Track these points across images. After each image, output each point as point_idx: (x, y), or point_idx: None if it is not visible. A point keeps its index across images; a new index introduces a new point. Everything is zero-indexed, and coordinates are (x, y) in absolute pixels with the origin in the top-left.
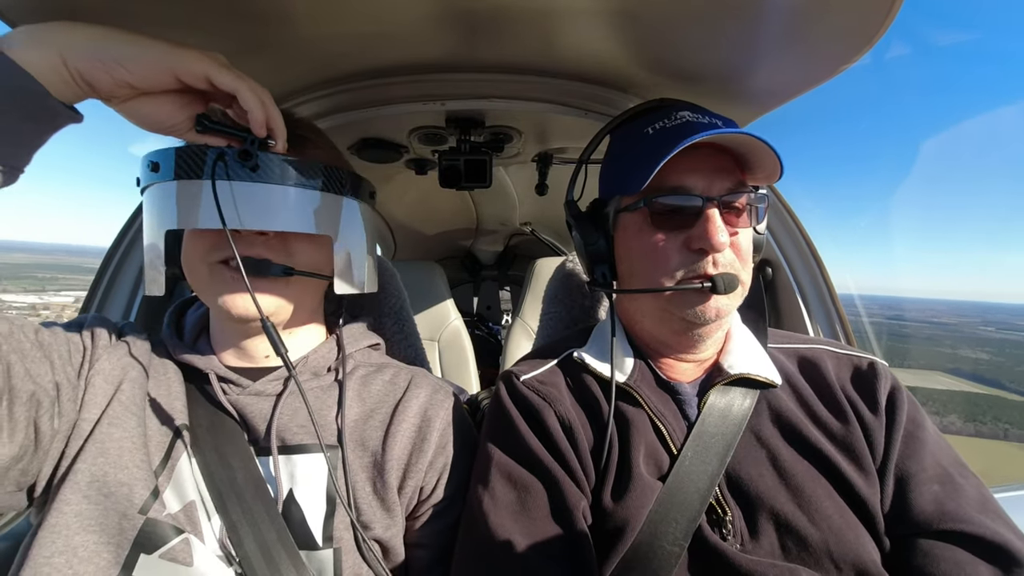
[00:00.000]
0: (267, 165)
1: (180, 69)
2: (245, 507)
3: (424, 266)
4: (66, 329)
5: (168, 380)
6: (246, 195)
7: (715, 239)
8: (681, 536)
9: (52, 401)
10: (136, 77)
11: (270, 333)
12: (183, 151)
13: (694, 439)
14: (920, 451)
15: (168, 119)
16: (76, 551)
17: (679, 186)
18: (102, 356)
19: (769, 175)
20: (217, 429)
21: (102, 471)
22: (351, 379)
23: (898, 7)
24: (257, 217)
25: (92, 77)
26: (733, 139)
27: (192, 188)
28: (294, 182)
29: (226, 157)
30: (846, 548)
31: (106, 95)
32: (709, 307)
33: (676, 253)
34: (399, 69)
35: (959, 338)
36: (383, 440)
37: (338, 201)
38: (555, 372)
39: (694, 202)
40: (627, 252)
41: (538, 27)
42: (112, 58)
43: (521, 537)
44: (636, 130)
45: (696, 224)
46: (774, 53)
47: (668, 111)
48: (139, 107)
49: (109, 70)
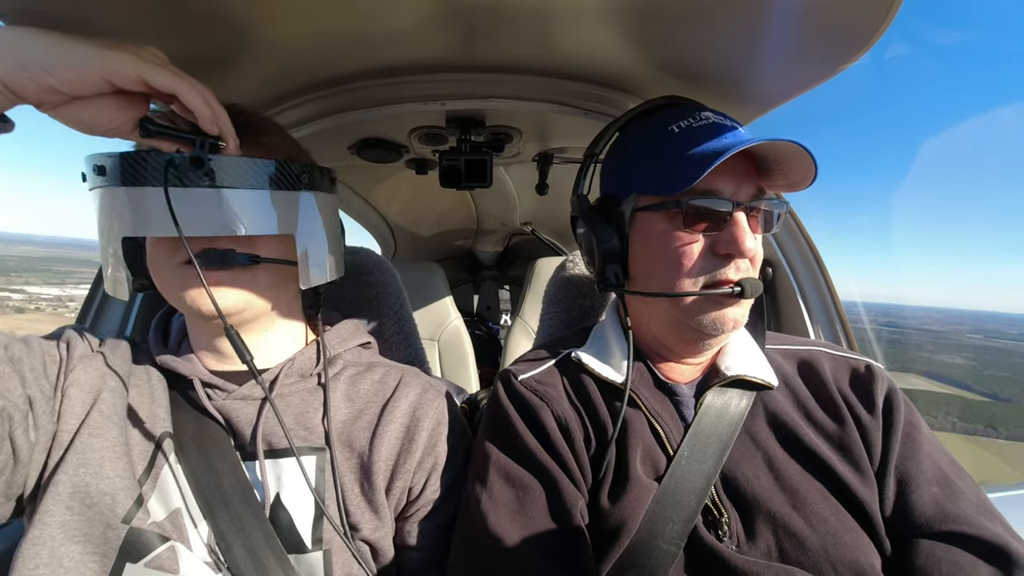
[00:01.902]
0: (220, 168)
1: (110, 72)
2: (232, 513)
3: (424, 266)
4: (42, 342)
5: (151, 387)
6: (201, 201)
7: (744, 245)
8: (677, 536)
9: (24, 415)
10: (63, 83)
11: (231, 335)
12: (129, 157)
13: (690, 439)
14: (918, 453)
15: (107, 123)
16: (61, 562)
17: (711, 189)
18: (77, 367)
19: (792, 184)
20: (202, 435)
21: (83, 481)
22: (340, 379)
23: (898, 7)
24: (214, 223)
25: (16, 85)
26: (772, 146)
27: (143, 195)
28: (250, 184)
29: (176, 163)
30: (843, 550)
31: (35, 102)
32: (728, 318)
33: (701, 258)
34: (399, 69)
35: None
36: (370, 441)
37: (295, 196)
38: (553, 372)
39: (725, 206)
40: (645, 253)
41: (538, 27)
42: (36, 64)
43: (519, 536)
44: (657, 127)
45: (724, 229)
46: (774, 53)
47: (689, 109)
48: (74, 113)
49: (34, 77)
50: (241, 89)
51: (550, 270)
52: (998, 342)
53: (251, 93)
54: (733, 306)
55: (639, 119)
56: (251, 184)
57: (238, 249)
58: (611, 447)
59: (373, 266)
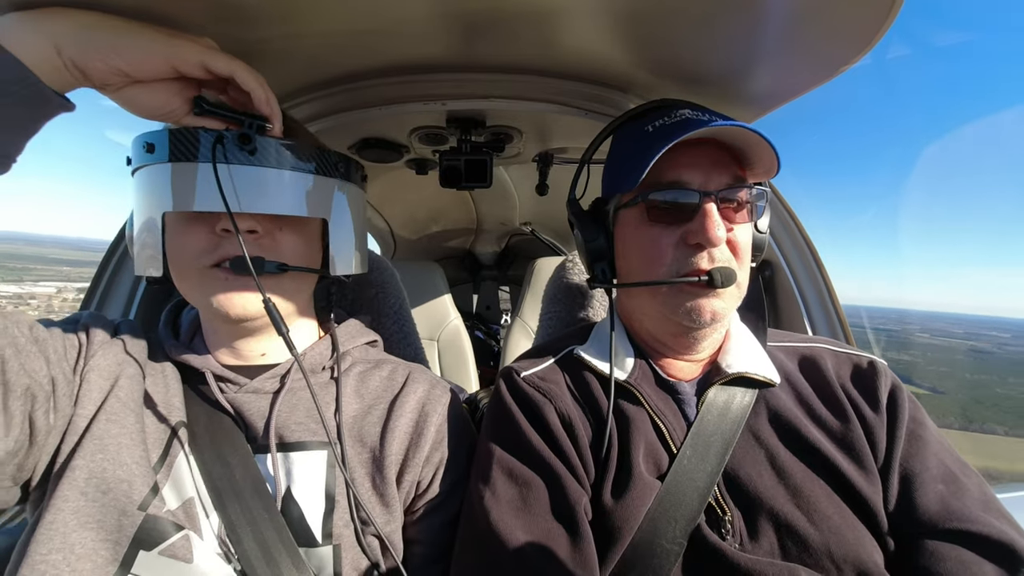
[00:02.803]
0: (264, 148)
1: (176, 58)
2: (244, 505)
3: (424, 266)
4: (62, 326)
5: (165, 378)
6: (245, 178)
7: (711, 233)
8: (680, 534)
9: (47, 396)
10: (131, 66)
11: (278, 325)
12: (178, 133)
13: (693, 437)
14: (923, 450)
15: (164, 106)
16: (73, 548)
17: (676, 181)
18: (97, 352)
19: (767, 170)
20: (215, 427)
21: (100, 467)
22: (349, 376)
23: (898, 7)
24: (255, 200)
25: (86, 65)
26: (730, 133)
27: (188, 170)
28: (290, 165)
29: (225, 140)
30: (846, 548)
31: (100, 83)
32: (704, 309)
33: (672, 248)
34: (399, 69)
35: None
36: (381, 435)
37: (331, 184)
38: (555, 369)
39: (691, 197)
40: (625, 248)
41: (539, 27)
42: (107, 46)
43: (522, 533)
44: (637, 129)
45: (693, 219)
46: (775, 54)
47: (669, 110)
48: (134, 95)
49: (104, 58)
50: None
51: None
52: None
53: None
54: (709, 296)
55: (629, 122)
56: (291, 166)
57: (267, 256)
58: (612, 442)
59: (373, 266)
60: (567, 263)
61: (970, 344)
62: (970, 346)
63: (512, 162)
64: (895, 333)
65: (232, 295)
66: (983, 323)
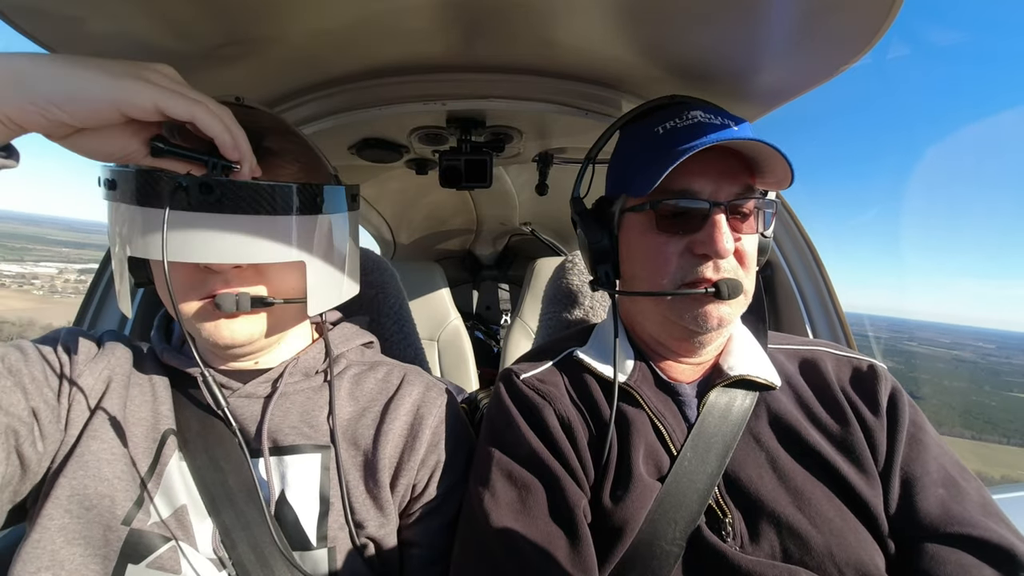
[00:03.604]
0: (232, 194)
1: (125, 103)
2: (238, 510)
3: (424, 266)
4: (40, 349)
5: (153, 386)
6: (211, 226)
7: (720, 245)
8: (680, 536)
9: (30, 428)
10: (75, 118)
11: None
12: (139, 176)
13: (693, 439)
14: (923, 454)
15: (119, 150)
16: (63, 565)
17: (686, 189)
18: (83, 372)
19: (779, 181)
20: (207, 433)
21: (81, 485)
22: (344, 378)
23: (898, 7)
24: (225, 251)
25: (23, 121)
26: (743, 144)
27: (154, 217)
28: (264, 210)
29: (186, 187)
30: (848, 551)
31: (44, 133)
32: (711, 315)
33: (678, 257)
34: (399, 69)
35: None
36: (375, 438)
37: (311, 221)
38: (554, 371)
39: (700, 206)
40: (630, 253)
41: (539, 26)
42: (44, 99)
43: (521, 536)
44: (646, 129)
45: (702, 229)
46: (775, 53)
47: (679, 109)
48: (84, 143)
49: (42, 112)
50: (242, 89)
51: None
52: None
53: (252, 92)
54: (716, 303)
55: (637, 120)
56: (264, 210)
57: (253, 291)
58: (613, 446)
59: (373, 266)
60: (567, 263)
61: (954, 353)
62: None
63: (512, 162)
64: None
65: (220, 327)
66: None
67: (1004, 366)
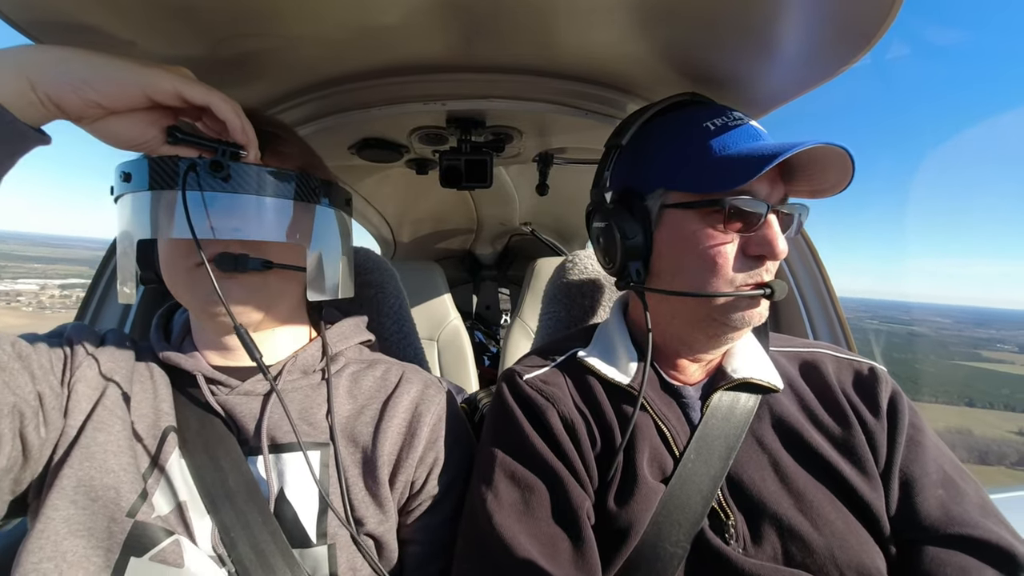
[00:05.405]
0: (239, 175)
1: (151, 87)
2: (237, 509)
3: (424, 266)
4: (46, 340)
5: (154, 383)
6: (218, 205)
7: (778, 247)
8: (683, 538)
9: (35, 412)
10: (106, 98)
11: (240, 334)
12: (155, 161)
13: (697, 441)
14: (923, 456)
15: (139, 136)
16: (65, 556)
17: (749, 190)
18: (83, 364)
19: (815, 191)
20: (206, 431)
21: (88, 475)
22: (342, 376)
23: (898, 7)
24: (229, 227)
25: (61, 99)
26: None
27: (165, 198)
28: (267, 192)
29: (197, 168)
30: (850, 553)
31: (76, 116)
32: (755, 315)
33: (736, 259)
34: (399, 69)
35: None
36: (373, 436)
37: (311, 209)
38: (557, 373)
39: (760, 208)
40: (673, 251)
41: (539, 26)
42: (81, 79)
43: (525, 537)
44: (688, 124)
45: (758, 230)
46: (775, 54)
47: (720, 109)
48: (109, 126)
49: (78, 91)
50: (241, 89)
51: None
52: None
53: (252, 92)
54: (761, 305)
55: (661, 114)
56: (268, 192)
57: (251, 254)
58: (616, 447)
59: (372, 266)
60: (567, 263)
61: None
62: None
63: (512, 162)
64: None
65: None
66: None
67: (953, 338)
